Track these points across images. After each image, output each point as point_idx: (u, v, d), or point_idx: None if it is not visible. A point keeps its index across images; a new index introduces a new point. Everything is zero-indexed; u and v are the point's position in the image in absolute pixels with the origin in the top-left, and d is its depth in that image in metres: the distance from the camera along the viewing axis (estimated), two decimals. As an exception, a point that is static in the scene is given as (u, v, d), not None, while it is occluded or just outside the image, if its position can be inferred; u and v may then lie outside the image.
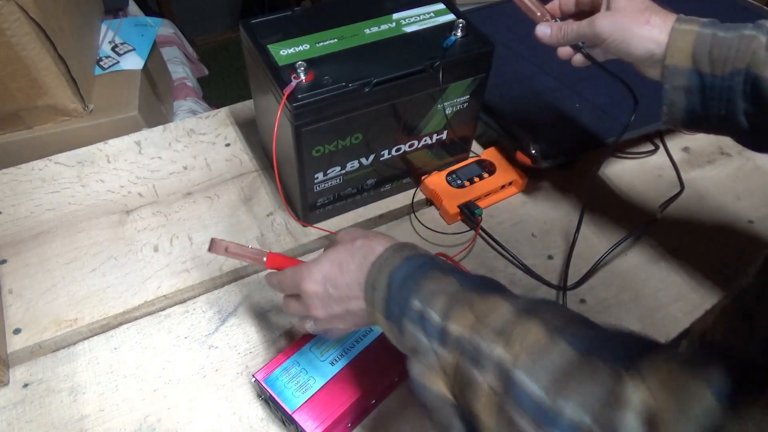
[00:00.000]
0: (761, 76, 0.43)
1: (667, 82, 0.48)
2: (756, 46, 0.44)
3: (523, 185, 0.76)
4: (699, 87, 0.47)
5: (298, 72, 0.57)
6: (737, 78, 0.44)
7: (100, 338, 0.62)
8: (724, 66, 0.45)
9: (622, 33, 0.49)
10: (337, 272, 0.44)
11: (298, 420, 0.50)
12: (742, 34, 0.45)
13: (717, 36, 0.45)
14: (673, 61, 0.47)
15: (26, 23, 0.95)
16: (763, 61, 0.43)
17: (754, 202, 0.75)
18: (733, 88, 0.45)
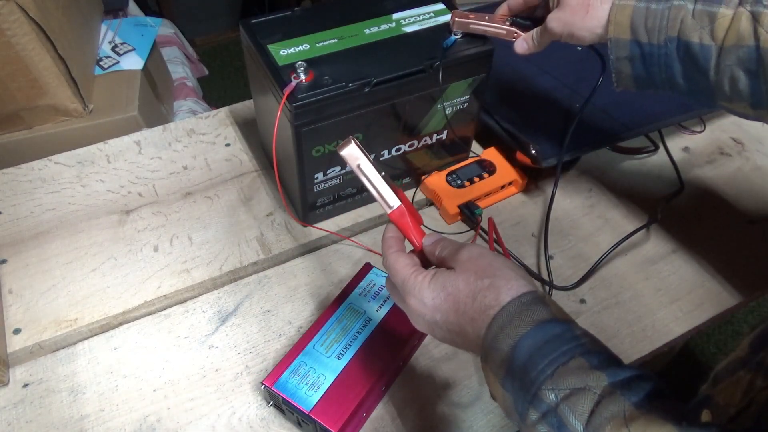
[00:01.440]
0: (690, 41, 0.48)
1: (612, 53, 0.53)
2: (683, 15, 0.48)
3: (523, 185, 0.76)
4: (640, 55, 0.52)
5: (298, 72, 0.57)
6: (671, 45, 0.49)
7: (100, 338, 0.62)
8: (658, 35, 0.50)
9: (570, 29, 0.54)
10: (450, 310, 0.40)
11: (317, 418, 0.50)
12: (672, 5, 0.49)
13: (650, 8, 0.50)
14: (615, 34, 0.52)
15: (26, 23, 0.95)
16: (690, 28, 0.48)
17: (754, 202, 0.75)
18: (668, 54, 0.50)
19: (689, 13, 0.48)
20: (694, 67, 0.49)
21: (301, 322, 0.63)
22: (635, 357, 0.61)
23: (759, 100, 0.48)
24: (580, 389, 0.33)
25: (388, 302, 0.58)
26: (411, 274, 0.42)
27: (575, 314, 0.64)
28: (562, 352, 0.34)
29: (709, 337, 1.45)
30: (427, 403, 0.57)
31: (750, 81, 0.47)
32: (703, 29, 0.48)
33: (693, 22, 0.48)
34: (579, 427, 0.31)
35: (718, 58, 0.47)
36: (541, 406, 0.33)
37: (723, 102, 0.50)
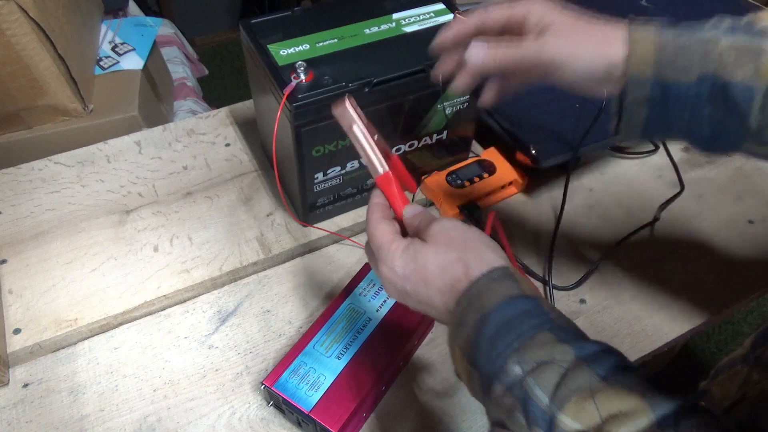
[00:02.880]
0: (731, 82, 0.40)
1: (629, 94, 0.43)
2: (721, 49, 0.40)
3: (523, 185, 0.76)
4: (661, 96, 0.42)
5: (298, 72, 0.57)
6: (704, 84, 0.41)
7: (100, 338, 0.62)
8: (689, 72, 0.41)
9: (578, 53, 0.43)
10: (419, 282, 0.40)
11: (317, 418, 0.50)
12: (704, 37, 0.41)
13: (680, 40, 0.41)
14: (634, 70, 0.42)
15: (26, 23, 0.95)
16: (731, 65, 0.40)
17: (754, 202, 0.75)
18: (699, 95, 0.41)
19: (727, 46, 0.40)
20: (730, 110, 0.41)
21: (301, 322, 0.63)
22: (635, 357, 0.61)
23: None
24: (547, 362, 0.32)
25: (388, 302, 0.58)
26: (387, 241, 0.42)
27: (575, 314, 0.64)
28: (529, 326, 0.34)
29: (709, 337, 1.45)
30: (427, 403, 0.57)
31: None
32: (745, 66, 0.40)
33: (733, 57, 0.40)
34: (544, 399, 0.31)
35: (764, 101, 0.40)
36: (506, 378, 0.33)
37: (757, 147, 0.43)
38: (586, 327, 0.62)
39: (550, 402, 0.31)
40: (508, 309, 0.35)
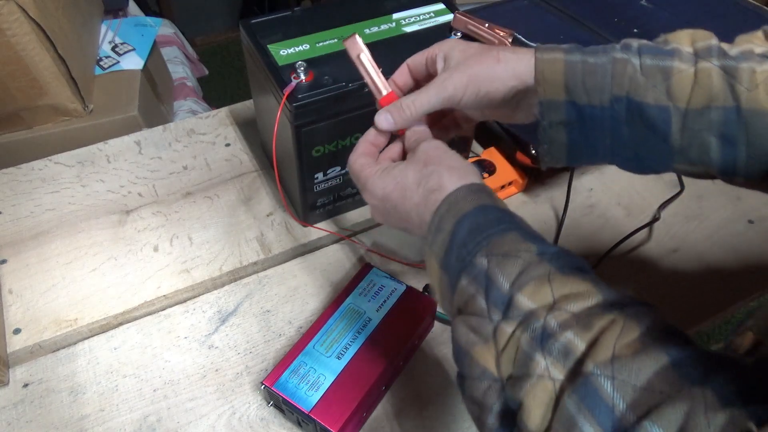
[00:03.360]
0: (644, 103, 0.40)
1: (544, 119, 0.43)
2: (631, 71, 0.40)
3: (523, 185, 0.76)
4: (578, 119, 0.42)
5: (298, 72, 0.57)
6: (618, 106, 0.40)
7: (100, 338, 0.62)
8: (601, 95, 0.41)
9: (478, 82, 0.43)
10: (398, 198, 0.42)
11: (317, 418, 0.50)
12: (614, 58, 0.41)
13: (588, 62, 0.41)
14: (546, 96, 0.42)
15: (26, 23, 0.95)
16: (641, 86, 0.40)
17: (754, 202, 0.75)
18: (615, 117, 0.41)
19: (637, 68, 0.40)
20: (649, 131, 0.41)
21: (301, 322, 0.63)
22: (635, 357, 0.61)
23: (733, 165, 0.40)
24: (511, 256, 0.35)
25: (388, 302, 0.58)
26: (363, 168, 0.45)
27: (575, 314, 0.64)
28: (499, 228, 0.36)
29: (709, 337, 1.45)
30: (427, 403, 0.57)
31: (723, 147, 0.39)
32: (656, 87, 0.39)
33: (644, 79, 0.39)
34: (505, 285, 0.34)
35: (684, 122, 0.39)
36: (472, 271, 0.35)
37: (683, 165, 0.42)
38: (586, 327, 0.62)
39: (510, 287, 0.34)
40: (481, 214, 0.37)
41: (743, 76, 0.37)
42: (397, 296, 0.59)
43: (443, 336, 0.62)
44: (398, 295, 0.59)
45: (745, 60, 0.38)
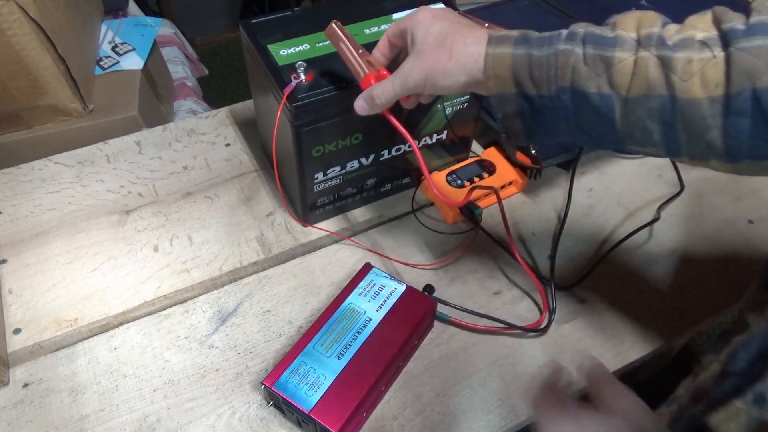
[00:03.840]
0: (587, 92, 0.41)
1: (498, 111, 0.45)
2: (573, 61, 0.41)
3: (523, 185, 0.76)
4: (530, 110, 0.44)
5: (298, 72, 0.57)
6: (564, 96, 0.42)
7: (100, 338, 0.62)
8: (548, 86, 0.42)
9: (433, 77, 0.46)
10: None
11: (317, 418, 0.50)
12: (557, 50, 0.42)
13: (533, 56, 0.42)
14: (497, 90, 0.44)
15: (26, 23, 0.95)
16: (584, 76, 0.41)
17: (754, 202, 0.75)
18: (563, 106, 0.43)
19: (580, 58, 0.41)
20: (596, 118, 0.42)
21: (301, 322, 0.63)
22: (635, 357, 0.61)
23: (677, 148, 0.40)
24: None
25: (388, 302, 0.58)
26: None
27: (575, 314, 0.64)
28: None
29: (709, 337, 1.45)
30: (427, 403, 0.57)
31: (665, 132, 0.40)
32: (599, 77, 0.40)
33: (586, 69, 0.41)
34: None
35: (625, 109, 0.40)
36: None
37: (635, 146, 0.43)
38: (586, 327, 0.62)
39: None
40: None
41: (677, 66, 0.38)
42: (397, 296, 0.59)
43: (443, 336, 0.62)
44: (398, 295, 0.59)
45: (683, 49, 0.38)
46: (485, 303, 0.65)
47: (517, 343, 0.61)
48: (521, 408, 0.57)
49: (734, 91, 0.36)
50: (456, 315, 0.62)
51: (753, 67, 0.35)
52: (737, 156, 0.38)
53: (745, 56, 0.35)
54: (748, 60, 0.35)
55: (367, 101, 0.52)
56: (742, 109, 0.36)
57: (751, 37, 0.35)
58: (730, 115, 0.36)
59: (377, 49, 0.53)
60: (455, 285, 0.66)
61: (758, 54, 0.35)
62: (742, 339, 0.37)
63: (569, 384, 0.48)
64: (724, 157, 0.38)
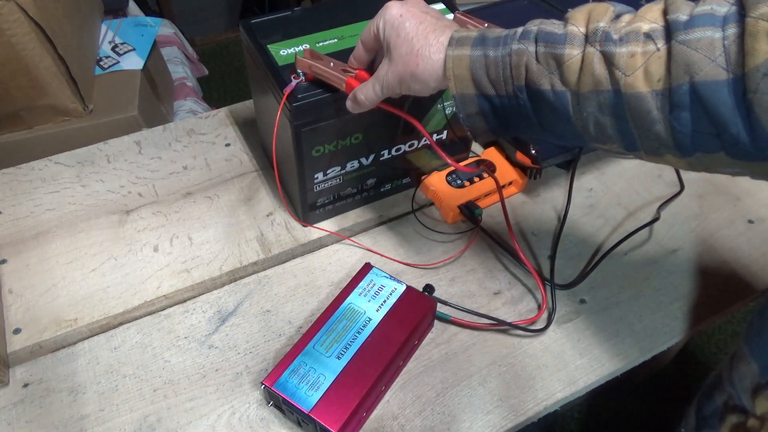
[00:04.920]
0: (542, 89, 0.41)
1: (461, 111, 0.46)
2: (527, 60, 0.41)
3: (523, 185, 0.76)
4: (491, 109, 0.45)
5: (298, 72, 0.57)
6: (521, 95, 0.43)
7: (100, 338, 0.62)
8: (505, 85, 0.43)
9: (406, 82, 0.48)
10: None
11: (317, 418, 0.50)
12: (511, 50, 0.42)
13: (488, 57, 0.43)
14: (458, 90, 0.45)
15: (26, 23, 0.95)
16: (537, 74, 0.41)
17: (754, 202, 0.75)
18: (522, 105, 0.43)
19: (532, 57, 0.41)
20: (553, 115, 0.42)
21: (301, 322, 0.63)
22: (635, 357, 0.61)
23: (632, 142, 0.40)
24: None
25: (388, 302, 0.58)
26: None
27: (575, 314, 0.64)
28: None
29: (709, 337, 1.45)
30: (427, 403, 0.57)
31: (617, 126, 0.40)
32: (552, 74, 0.40)
33: (539, 67, 0.41)
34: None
35: (577, 105, 0.40)
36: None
37: (595, 144, 0.43)
38: (586, 327, 0.62)
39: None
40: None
41: (620, 61, 0.37)
42: (397, 296, 0.59)
43: (443, 336, 0.62)
44: (398, 295, 0.59)
45: (627, 43, 0.38)
46: (485, 303, 0.65)
47: (517, 343, 0.61)
48: (521, 408, 0.57)
49: (674, 84, 0.36)
50: (456, 315, 0.62)
51: (691, 60, 0.35)
52: (686, 149, 0.38)
53: (684, 49, 0.35)
54: (688, 53, 0.35)
55: (354, 103, 0.53)
56: (682, 102, 0.36)
57: (691, 29, 0.35)
58: (674, 109, 0.36)
59: (353, 56, 0.54)
60: (455, 285, 0.66)
61: (697, 47, 0.35)
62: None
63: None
64: (675, 150, 0.38)
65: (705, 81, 0.34)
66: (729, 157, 0.37)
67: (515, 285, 0.66)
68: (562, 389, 0.58)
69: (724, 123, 0.35)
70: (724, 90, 0.34)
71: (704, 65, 0.34)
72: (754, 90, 0.33)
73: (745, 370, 0.47)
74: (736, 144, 0.35)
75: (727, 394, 0.49)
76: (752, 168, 0.37)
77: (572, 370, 0.59)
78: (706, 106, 0.35)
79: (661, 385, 1.33)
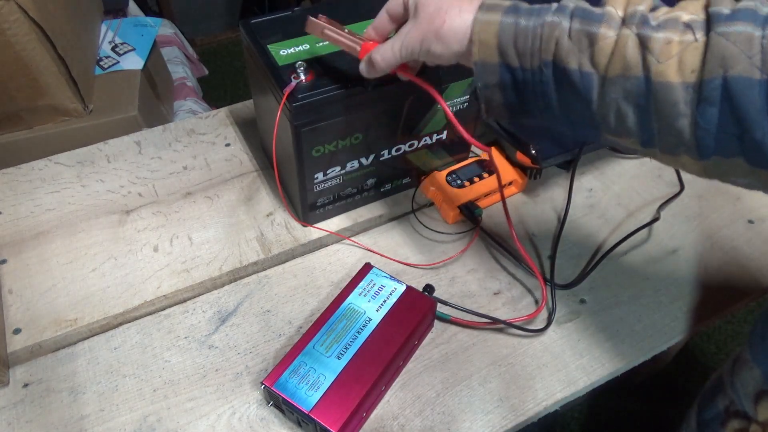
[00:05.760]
0: (568, 68, 0.39)
1: (479, 80, 0.44)
2: (558, 35, 0.39)
3: (523, 185, 0.76)
4: (512, 83, 0.43)
5: (298, 72, 0.57)
6: (546, 71, 0.41)
7: (100, 338, 0.62)
8: (531, 59, 0.41)
9: (427, 44, 0.46)
10: None
11: (317, 418, 0.50)
12: (544, 22, 0.40)
13: (520, 25, 0.41)
14: (480, 57, 0.43)
15: (26, 23, 0.95)
16: (567, 51, 0.39)
17: (754, 202, 0.75)
18: (544, 82, 0.41)
19: (565, 32, 0.39)
20: (575, 97, 0.41)
21: (301, 322, 0.63)
22: (635, 357, 0.61)
23: (649, 138, 0.39)
24: None
25: (388, 302, 0.58)
26: None
27: (575, 314, 0.64)
28: None
29: (709, 337, 1.45)
30: (427, 403, 0.57)
31: (639, 117, 0.39)
32: (582, 53, 0.39)
33: (570, 44, 0.39)
34: None
35: (602, 89, 0.39)
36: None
37: (609, 135, 0.42)
38: (586, 327, 0.62)
39: None
40: None
41: (655, 46, 0.36)
42: (397, 296, 0.59)
43: (443, 336, 0.62)
44: (398, 295, 0.59)
45: (665, 29, 0.37)
46: (485, 303, 0.65)
47: (517, 343, 0.61)
48: (521, 408, 0.57)
49: (707, 77, 0.35)
50: (456, 315, 0.62)
51: (728, 53, 0.34)
52: (706, 149, 0.37)
53: (723, 41, 0.34)
54: (726, 46, 0.34)
55: (367, 65, 0.51)
56: (712, 97, 0.35)
57: (732, 22, 0.34)
58: (701, 103, 0.35)
59: (373, 26, 0.52)
60: (455, 285, 0.66)
61: (736, 40, 0.34)
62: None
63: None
64: (694, 151, 0.37)
65: (738, 77, 0.34)
66: (747, 163, 0.36)
67: (515, 285, 0.67)
68: (562, 389, 0.58)
69: (750, 124, 0.34)
70: (755, 90, 0.33)
71: (740, 60, 0.34)
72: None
73: (747, 375, 0.47)
74: (758, 149, 0.35)
75: (729, 399, 0.49)
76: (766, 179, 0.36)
77: (572, 370, 0.59)
78: (735, 104, 0.34)
79: (661, 385, 1.33)
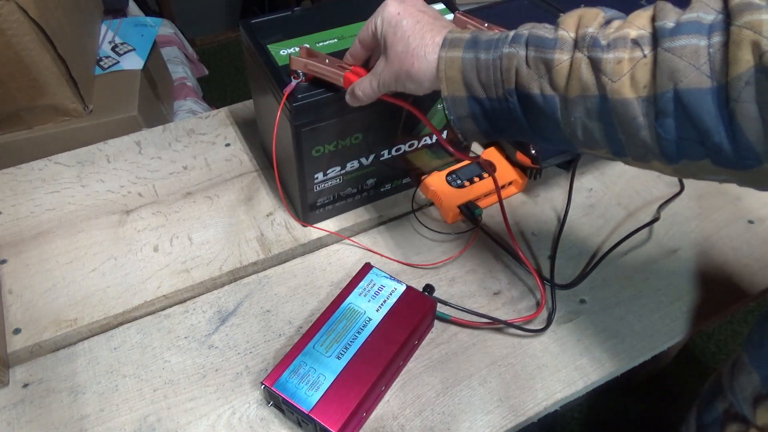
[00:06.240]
0: (531, 93, 0.41)
1: (452, 113, 0.46)
2: (517, 64, 0.42)
3: (523, 185, 0.76)
4: (481, 112, 0.45)
5: (298, 72, 0.57)
6: (511, 99, 0.43)
7: (100, 338, 0.62)
8: (496, 89, 0.43)
9: (401, 80, 0.48)
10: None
11: (317, 418, 0.50)
12: (502, 54, 0.42)
13: (480, 59, 0.43)
14: (449, 92, 0.45)
15: (26, 23, 0.95)
16: (527, 78, 0.41)
17: (754, 202, 0.75)
18: (512, 108, 0.43)
19: (522, 61, 0.41)
20: (543, 119, 0.42)
21: (301, 322, 0.63)
22: (635, 357, 0.61)
23: (619, 148, 0.40)
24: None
25: (388, 302, 0.58)
26: None
27: (575, 314, 0.64)
28: None
29: (709, 337, 1.45)
30: (427, 403, 0.57)
31: (605, 131, 0.40)
32: (541, 78, 0.41)
33: (529, 71, 0.41)
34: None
35: (565, 109, 0.40)
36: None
37: (584, 149, 0.43)
38: (586, 327, 0.62)
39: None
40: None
41: (607, 67, 0.37)
42: (397, 296, 0.59)
43: (443, 336, 0.62)
44: (398, 295, 0.59)
45: (614, 49, 0.37)
46: (485, 303, 0.65)
47: (517, 343, 0.61)
48: (521, 408, 0.57)
49: (659, 91, 0.36)
50: (456, 315, 0.62)
51: (675, 67, 0.35)
52: (672, 156, 0.38)
53: (669, 56, 0.35)
54: (672, 59, 0.35)
55: (351, 98, 0.54)
56: (667, 109, 0.36)
57: (676, 37, 0.35)
58: (659, 116, 0.36)
59: (349, 53, 0.55)
60: (455, 285, 0.66)
61: (682, 54, 0.35)
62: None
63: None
64: (661, 157, 0.38)
65: (689, 89, 0.34)
66: (714, 164, 0.37)
67: (515, 285, 0.67)
68: (562, 389, 0.58)
69: (708, 131, 0.35)
70: (707, 98, 0.34)
71: (688, 73, 0.34)
72: (736, 99, 0.33)
73: (745, 379, 0.47)
74: (719, 152, 0.35)
75: (728, 403, 0.49)
76: (737, 176, 0.37)
77: (572, 370, 0.59)
78: (690, 113, 0.35)
79: (661, 385, 1.33)
